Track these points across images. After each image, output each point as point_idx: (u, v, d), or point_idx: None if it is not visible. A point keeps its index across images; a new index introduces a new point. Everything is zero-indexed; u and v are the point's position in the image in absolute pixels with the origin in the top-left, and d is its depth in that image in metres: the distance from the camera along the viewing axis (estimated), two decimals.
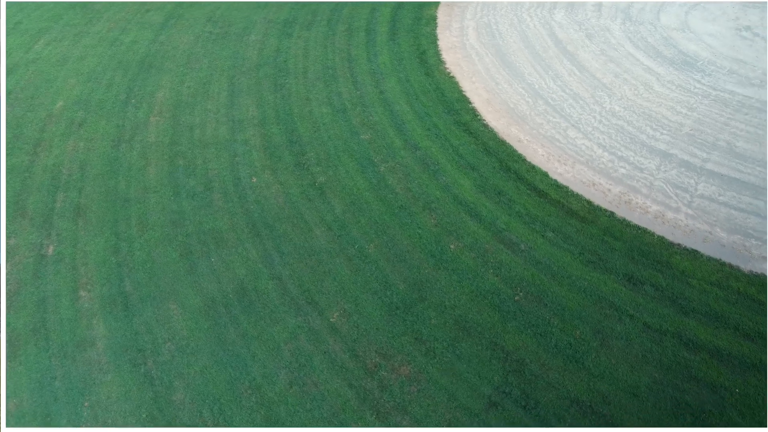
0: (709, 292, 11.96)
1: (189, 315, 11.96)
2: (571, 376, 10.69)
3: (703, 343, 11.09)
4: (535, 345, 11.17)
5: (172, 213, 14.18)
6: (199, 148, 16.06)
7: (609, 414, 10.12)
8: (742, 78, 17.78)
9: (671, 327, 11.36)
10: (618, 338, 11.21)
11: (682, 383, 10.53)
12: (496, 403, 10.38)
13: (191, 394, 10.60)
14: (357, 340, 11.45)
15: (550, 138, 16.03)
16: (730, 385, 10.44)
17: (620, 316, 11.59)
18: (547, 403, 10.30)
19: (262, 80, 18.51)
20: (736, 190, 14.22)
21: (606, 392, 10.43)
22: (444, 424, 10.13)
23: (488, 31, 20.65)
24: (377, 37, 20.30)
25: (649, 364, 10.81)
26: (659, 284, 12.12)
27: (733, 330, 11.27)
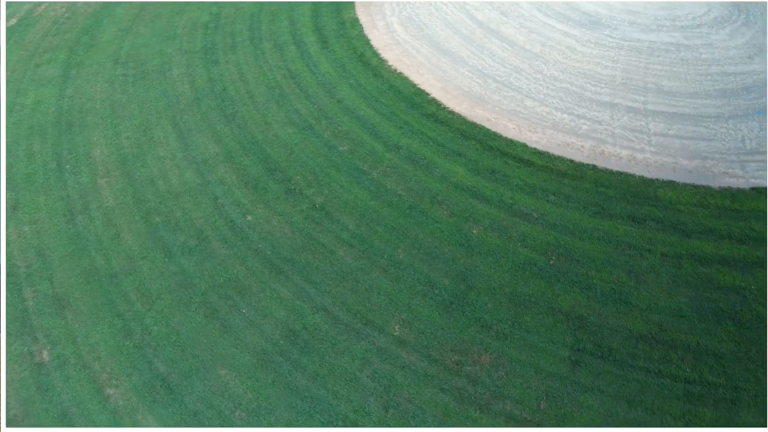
0: (696, 212, 13.73)
1: (246, 375, 11.02)
2: (625, 316, 11.71)
3: (711, 256, 12.76)
4: (586, 299, 12.04)
5: (175, 275, 12.83)
6: (171, 200, 14.62)
7: (669, 339, 11.28)
8: (641, 26, 20.32)
9: (682, 250, 12.90)
10: (647, 272, 12.47)
11: (711, 294, 12.05)
12: (577, 361, 11.05)
13: None
14: (428, 345, 11.42)
15: (513, 111, 17.04)
16: (746, 284, 12.17)
17: (640, 252, 12.88)
18: (619, 347, 11.20)
19: (209, 114, 17.25)
20: (678, 122, 16.35)
21: (659, 321, 11.59)
22: (541, 396, 10.58)
23: (413, 24, 21.20)
24: (309, 48, 19.84)
25: (680, 287, 12.19)
26: (657, 217, 13.65)
27: (728, 239, 13.10)
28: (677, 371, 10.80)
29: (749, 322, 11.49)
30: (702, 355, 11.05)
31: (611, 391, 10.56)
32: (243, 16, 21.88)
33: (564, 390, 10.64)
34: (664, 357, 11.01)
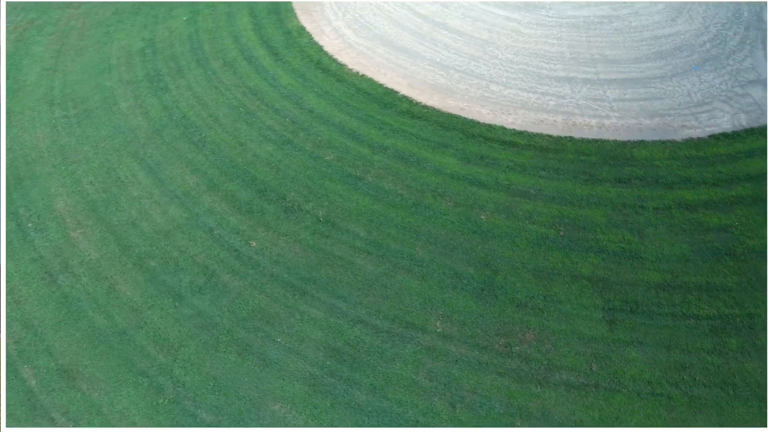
0: (671, 165, 14.96)
1: (302, 405, 10.54)
2: (640, 271, 12.54)
3: (694, 202, 13.97)
4: (602, 261, 12.74)
5: (191, 318, 11.96)
6: (162, 240, 13.58)
7: (683, 283, 12.23)
8: (572, 4, 21.68)
9: (669, 202, 14.01)
10: (646, 227, 13.43)
11: (704, 236, 13.20)
12: (611, 320, 11.69)
13: None
14: (473, 334, 11.56)
15: (482, 98, 17.57)
16: (730, 221, 13.46)
17: (635, 210, 13.83)
18: (643, 299, 11.97)
19: (175, 143, 16.18)
20: (631, 87, 17.67)
21: (669, 269, 12.53)
22: (590, 359, 11.08)
23: (361, 25, 21.13)
24: (262, 62, 19.18)
25: (677, 235, 13.25)
26: (639, 175, 14.71)
27: (703, 184, 14.40)
28: (698, 311, 11.77)
29: (743, 254, 12.75)
30: (713, 291, 12.11)
31: (649, 341, 11.31)
32: (180, 38, 20.73)
33: (608, 349, 11.23)
34: (683, 300, 11.95)
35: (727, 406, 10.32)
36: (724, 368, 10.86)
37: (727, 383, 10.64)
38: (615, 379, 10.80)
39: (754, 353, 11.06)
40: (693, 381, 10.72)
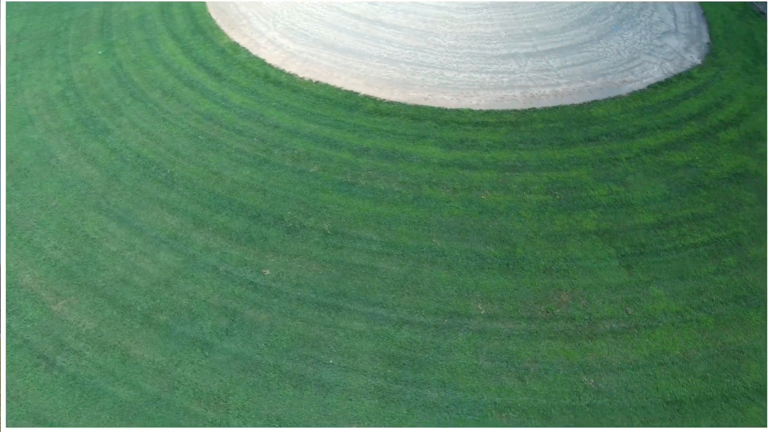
0: (627, 118, 16.36)
1: (377, 419, 10.21)
2: (635, 215, 13.64)
3: (657, 147, 15.42)
4: (601, 214, 13.67)
5: (229, 363, 11.07)
6: (164, 291, 12.38)
7: (673, 219, 13.49)
8: None
9: (637, 150, 15.34)
10: (626, 176, 14.61)
11: (675, 174, 14.65)
12: (628, 265, 12.59)
13: None
14: (514, 308, 11.90)
15: (440, 85, 17.95)
16: (691, 157, 15.04)
17: (612, 163, 14.98)
18: (647, 241, 13.04)
19: (140, 186, 14.73)
20: (568, 54, 19.01)
21: (658, 209, 13.76)
22: (623, 304, 11.90)
23: (296, 33, 20.56)
24: (205, 85, 18.00)
25: (654, 178, 14.58)
26: (604, 132, 15.94)
27: (659, 130, 15.92)
28: (693, 240, 13.08)
29: (711, 184, 14.34)
30: (699, 220, 13.53)
31: (664, 276, 12.38)
32: (103, 74, 18.86)
33: (634, 291, 12.14)
34: (678, 234, 13.22)
35: (745, 316, 11.63)
36: (731, 284, 12.22)
37: (738, 297, 11.98)
38: (649, 317, 11.74)
39: (749, 265, 12.56)
40: (711, 302, 11.96)
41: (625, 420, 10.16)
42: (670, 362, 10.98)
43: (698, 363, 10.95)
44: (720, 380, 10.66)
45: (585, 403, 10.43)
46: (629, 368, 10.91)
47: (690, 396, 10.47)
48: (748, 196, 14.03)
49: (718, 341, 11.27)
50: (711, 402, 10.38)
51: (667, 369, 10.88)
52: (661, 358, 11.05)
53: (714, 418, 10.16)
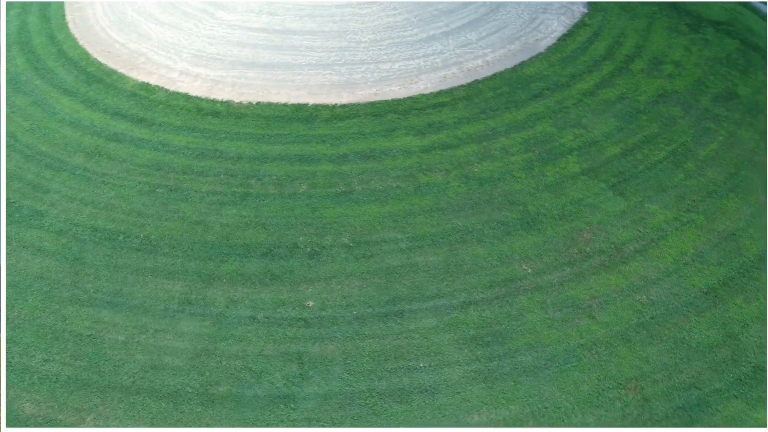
0: (556, 71, 17.99)
1: (491, 402, 10.26)
2: (607, 149, 15.17)
3: (591, 89, 17.24)
4: (580, 156, 15.03)
5: (322, 407, 10.20)
6: (208, 363, 10.88)
7: (633, 144, 15.28)
8: None
9: (577, 96, 17.00)
10: (582, 119, 16.19)
11: (615, 107, 16.55)
12: (621, 192, 14.08)
13: None
14: (554, 258, 12.66)
15: (382, 78, 18.02)
16: (621, 92, 17.17)
17: (563, 111, 16.47)
18: (629, 167, 14.62)
19: (115, 262, 12.62)
20: (477, 27, 20.23)
21: (618, 140, 15.45)
22: (632, 227, 13.31)
23: (209, 59, 18.86)
24: (134, 134, 15.79)
25: (602, 115, 16.36)
26: (544, 87, 17.41)
27: (584, 74, 17.81)
28: (656, 157, 14.97)
29: (645, 108, 16.46)
30: (655, 140, 15.50)
31: (651, 193, 14.02)
32: None
33: (636, 212, 13.63)
34: (643, 155, 15.04)
35: (723, 206, 13.73)
36: (701, 184, 14.29)
37: (710, 192, 14.08)
38: (657, 230, 13.31)
39: (705, 165, 14.78)
40: (693, 202, 13.88)
41: (684, 320, 11.53)
42: (690, 261, 12.65)
43: (710, 254, 12.77)
44: (731, 261, 12.57)
45: (648, 317, 11.60)
46: (665, 276, 12.34)
47: (717, 282, 12.20)
48: (676, 111, 16.49)
49: (714, 232, 13.23)
50: (734, 281, 12.21)
51: (691, 267, 12.52)
52: (683, 260, 12.67)
53: (741, 292, 11.98)
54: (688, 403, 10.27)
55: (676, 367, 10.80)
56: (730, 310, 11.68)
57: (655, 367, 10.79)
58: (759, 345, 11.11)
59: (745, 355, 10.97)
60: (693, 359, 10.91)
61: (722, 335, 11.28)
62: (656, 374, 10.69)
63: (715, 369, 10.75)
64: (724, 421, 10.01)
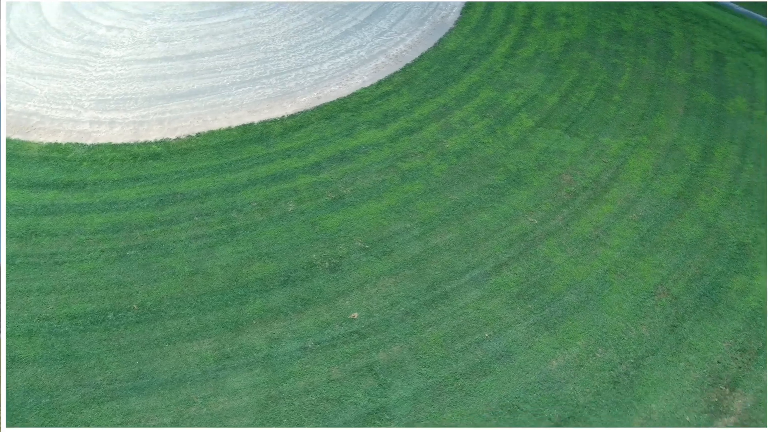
0: (471, 41, 19.14)
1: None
2: (546, 102, 16.66)
3: (509, 51, 18.69)
4: (528, 112, 16.31)
5: (415, 406, 9.94)
6: (278, 407, 9.91)
7: (564, 90, 16.98)
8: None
9: (500, 59, 18.35)
10: (513, 79, 17.49)
11: (536, 61, 18.21)
12: (576, 132, 15.54)
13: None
14: (551, 205, 13.63)
15: (318, 81, 17.62)
16: (535, 49, 18.80)
17: (495, 75, 17.65)
18: (569, 113, 16.20)
19: (117, 344, 10.80)
20: (384, 14, 20.68)
21: (552, 90, 17.06)
22: (600, 159, 14.80)
23: (118, 101, 16.73)
24: (69, 202, 13.49)
25: (529, 72, 17.81)
26: (470, 57, 18.45)
27: (499, 38, 19.21)
28: (587, 97, 16.80)
29: (560, 58, 18.31)
30: (577, 83, 17.32)
31: (598, 128, 15.74)
32: None
33: (595, 146, 15.19)
34: (577, 98, 16.77)
35: (654, 123, 15.91)
36: (631, 110, 16.39)
37: (642, 115, 16.21)
38: (618, 157, 14.95)
39: (627, 93, 16.92)
40: (632, 126, 15.86)
41: (671, 224, 13.20)
42: (653, 175, 14.48)
43: (665, 166, 14.73)
44: (683, 167, 14.65)
45: (645, 231, 13.08)
46: (641, 193, 13.98)
47: (681, 186, 14.13)
48: (584, 54, 18.55)
49: (659, 147, 15.27)
50: (692, 182, 14.25)
51: (656, 180, 14.34)
52: (648, 176, 14.46)
53: (701, 189, 14.05)
54: (705, 290, 11.91)
55: (684, 263, 12.43)
56: (699, 206, 13.68)
57: (669, 270, 12.30)
58: (732, 226, 13.20)
59: (726, 237, 12.97)
60: (693, 254, 12.63)
61: (703, 227, 13.19)
62: (673, 275, 12.20)
63: (712, 256, 12.58)
64: (737, 294, 11.80)
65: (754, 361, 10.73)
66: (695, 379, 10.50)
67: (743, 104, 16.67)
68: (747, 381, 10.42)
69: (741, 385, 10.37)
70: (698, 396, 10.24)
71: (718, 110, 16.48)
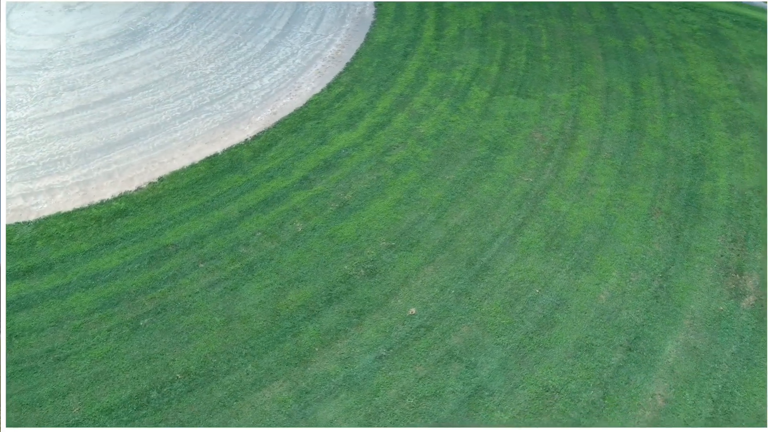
0: (400, 29, 19.58)
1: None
2: (490, 72, 17.70)
3: (436, 34, 19.41)
4: (478, 85, 17.17)
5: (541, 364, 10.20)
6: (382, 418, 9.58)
7: (499, 58, 18.14)
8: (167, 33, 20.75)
9: (431, 42, 19.00)
10: (452, 58, 18.29)
11: (463, 38, 19.16)
12: (525, 95, 16.72)
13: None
14: (536, 163, 14.61)
15: (265, 97, 16.89)
16: (458, 27, 19.73)
17: (435, 58, 18.31)
18: (512, 79, 17.38)
19: (176, 416, 9.58)
20: (301, 19, 20.27)
21: (490, 61, 18.14)
22: (559, 114, 16.12)
23: (53, 162, 14.37)
24: (50, 285, 11.51)
25: (463, 49, 18.73)
26: (404, 45, 18.90)
27: (422, 24, 19.84)
28: (524, 62, 18.14)
29: (484, 32, 19.49)
30: (510, 50, 18.61)
31: (544, 86, 17.15)
32: None
33: (548, 101, 16.55)
34: (514, 58, 18.07)
35: (588, 71, 17.70)
36: (567, 68, 18.03)
37: (578, 73, 17.92)
38: (570, 108, 16.44)
39: (555, 45, 18.55)
40: (571, 78, 17.51)
41: (637, 149, 14.91)
42: (604, 116, 16.15)
43: (610, 106, 16.51)
44: (623, 104, 16.54)
45: (620, 162, 14.59)
46: (602, 133, 15.55)
47: (629, 119, 15.99)
48: (502, 24, 19.99)
49: (597, 92, 17.05)
50: (637, 113, 16.18)
51: (610, 118, 16.04)
52: (601, 117, 16.10)
53: (648, 119, 16.01)
54: (686, 201, 13.65)
55: (661, 184, 14.12)
56: (650, 133, 15.60)
57: (653, 192, 13.89)
58: (681, 143, 15.23)
59: (681, 154, 14.95)
60: (663, 174, 14.37)
61: (661, 150, 15.06)
62: (657, 196, 13.83)
63: (678, 171, 14.43)
64: (710, 197, 13.75)
65: (745, 246, 12.68)
66: (711, 274, 12.14)
67: (644, 41, 19.25)
68: (748, 264, 12.30)
69: (746, 269, 12.21)
70: (720, 287, 11.87)
71: (627, 50, 18.85)
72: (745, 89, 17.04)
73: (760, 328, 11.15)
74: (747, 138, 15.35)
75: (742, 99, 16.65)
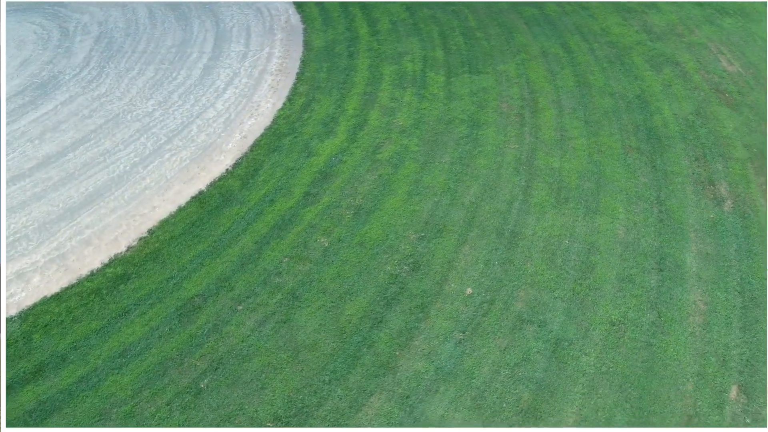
0: (336, 26, 19.40)
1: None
2: (436, 57, 18.25)
3: (375, 30, 19.58)
4: (445, 78, 17.64)
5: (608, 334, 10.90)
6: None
7: (454, 45, 18.85)
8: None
9: (370, 43, 19.13)
10: (399, 51, 18.55)
11: (414, 27, 19.58)
12: (477, 71, 17.60)
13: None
14: (516, 136, 15.51)
15: (227, 122, 15.91)
16: (392, 18, 20.06)
17: (396, 60, 18.44)
18: (470, 58, 18.13)
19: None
20: (227, 41, 19.21)
21: (432, 46, 18.72)
22: (517, 91, 17.18)
23: (35, 232, 12.11)
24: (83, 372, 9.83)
25: (403, 39, 19.07)
26: (342, 42, 18.73)
27: (363, 30, 19.87)
28: (456, 37, 19.04)
29: (412, 20, 20.04)
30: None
31: (488, 60, 18.15)
32: None
33: (499, 73, 17.61)
34: (453, 40, 18.89)
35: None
36: (493, 34, 19.20)
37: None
38: (520, 75, 17.62)
39: (482, 25, 19.67)
40: (508, 52, 18.72)
41: (590, 98, 16.48)
42: (552, 77, 17.59)
43: (554, 71, 17.97)
44: (560, 60, 18.11)
45: (583, 115, 16.06)
46: (558, 91, 16.95)
47: (573, 69, 17.56)
48: (428, 12, 20.70)
49: (536, 56, 18.47)
50: (580, 79, 17.79)
51: (557, 79, 17.49)
52: (550, 77, 17.50)
53: (595, 85, 17.69)
54: (647, 135, 15.46)
55: (620, 125, 15.82)
56: (594, 83, 17.32)
57: (618, 133, 15.49)
58: (622, 87, 17.10)
59: (625, 96, 16.83)
60: (619, 116, 16.10)
61: (609, 97, 16.84)
62: (623, 136, 15.45)
63: (629, 111, 16.26)
64: (662, 126, 15.69)
65: (706, 161, 14.72)
66: (692, 190, 13.95)
67: (555, 7, 21.18)
68: (715, 175, 14.32)
69: (715, 179, 14.21)
70: (704, 200, 13.70)
71: (543, 17, 20.62)
72: (650, 32, 19.62)
73: (745, 223, 13.13)
74: (669, 72, 17.72)
75: (652, 40, 19.15)
